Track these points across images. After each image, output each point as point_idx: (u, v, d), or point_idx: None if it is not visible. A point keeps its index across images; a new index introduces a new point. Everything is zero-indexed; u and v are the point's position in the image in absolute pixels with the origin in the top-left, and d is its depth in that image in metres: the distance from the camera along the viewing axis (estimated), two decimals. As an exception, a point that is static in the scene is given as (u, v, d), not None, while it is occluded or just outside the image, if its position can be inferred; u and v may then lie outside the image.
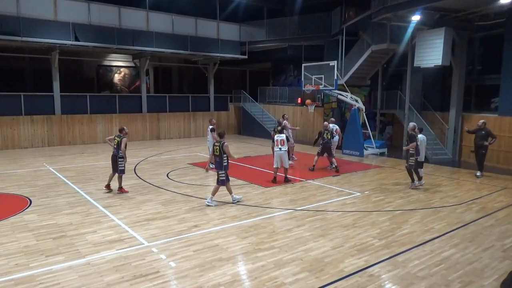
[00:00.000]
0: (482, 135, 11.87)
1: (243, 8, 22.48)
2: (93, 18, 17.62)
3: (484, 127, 11.92)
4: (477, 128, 12.12)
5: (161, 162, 13.95)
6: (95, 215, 7.86)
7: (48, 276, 5.18)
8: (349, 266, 5.58)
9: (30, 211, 8.02)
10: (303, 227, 7.23)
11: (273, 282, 5.10)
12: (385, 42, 16.02)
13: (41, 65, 18.93)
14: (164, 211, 8.12)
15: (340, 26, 18.82)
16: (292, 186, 10.58)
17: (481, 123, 11.98)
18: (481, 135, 11.89)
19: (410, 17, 13.67)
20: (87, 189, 9.95)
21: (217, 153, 8.71)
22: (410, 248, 6.30)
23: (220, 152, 8.65)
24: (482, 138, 11.87)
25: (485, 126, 11.95)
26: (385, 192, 9.97)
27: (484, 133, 11.85)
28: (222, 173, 8.69)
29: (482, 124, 11.97)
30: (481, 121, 12.05)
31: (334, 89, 15.62)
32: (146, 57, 20.32)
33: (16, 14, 15.67)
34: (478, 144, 12.02)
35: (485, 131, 11.86)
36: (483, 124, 11.95)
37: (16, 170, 12.08)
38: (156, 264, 5.58)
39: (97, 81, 23.67)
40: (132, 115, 20.47)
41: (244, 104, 24.65)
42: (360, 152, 15.67)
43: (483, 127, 11.92)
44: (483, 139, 11.86)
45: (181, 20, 20.42)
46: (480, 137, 11.92)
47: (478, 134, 11.99)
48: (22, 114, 17.31)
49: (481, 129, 11.93)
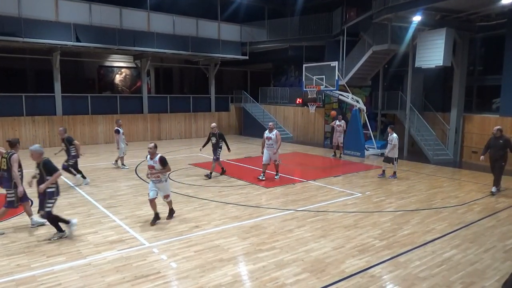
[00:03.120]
0: (500, 145, 9.71)
1: (244, 9, 22.49)
2: (94, 18, 17.64)
3: (501, 135, 9.77)
4: (493, 137, 9.92)
5: (162, 162, 13.90)
6: (96, 215, 7.87)
7: (50, 276, 5.18)
8: (350, 267, 5.58)
9: (32, 212, 8.01)
10: (304, 227, 7.22)
11: (274, 282, 5.10)
12: (386, 43, 16.02)
13: (43, 65, 18.94)
14: (165, 212, 8.10)
15: (341, 27, 18.83)
16: (293, 186, 10.58)
17: (496, 131, 9.82)
18: (498, 145, 9.73)
19: (411, 17, 13.66)
20: (88, 189, 9.95)
21: (4, 167, 6.69)
22: (411, 248, 6.29)
23: (8, 166, 6.64)
24: (500, 149, 9.73)
25: (502, 134, 9.80)
26: (387, 193, 9.96)
27: (502, 143, 9.66)
28: (11, 193, 6.74)
29: (497, 131, 9.79)
30: (496, 128, 9.86)
31: (335, 90, 15.61)
32: (147, 58, 20.34)
33: (17, 15, 15.70)
34: (495, 156, 9.84)
35: (503, 139, 9.71)
36: (499, 132, 9.78)
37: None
38: (157, 265, 5.58)
39: (98, 81, 23.69)
40: (133, 116, 20.49)
41: (245, 104, 24.67)
42: (361, 152, 15.66)
43: (500, 135, 9.77)
44: (501, 149, 9.72)
45: (182, 21, 20.44)
46: (497, 147, 9.76)
47: (495, 144, 9.81)
48: (23, 115, 17.34)
49: (497, 138, 9.79)
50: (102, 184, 10.52)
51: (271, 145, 11.02)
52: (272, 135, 10.96)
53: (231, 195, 9.49)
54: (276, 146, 10.96)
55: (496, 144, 9.76)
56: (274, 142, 10.92)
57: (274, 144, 10.95)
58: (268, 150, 11.09)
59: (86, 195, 9.39)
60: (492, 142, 9.92)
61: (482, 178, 11.96)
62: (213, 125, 11.70)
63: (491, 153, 9.92)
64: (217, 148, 11.42)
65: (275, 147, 10.98)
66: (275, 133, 10.95)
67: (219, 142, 11.44)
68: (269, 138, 11.04)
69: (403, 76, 17.63)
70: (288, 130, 22.96)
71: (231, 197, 9.34)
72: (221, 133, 11.64)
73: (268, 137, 11.05)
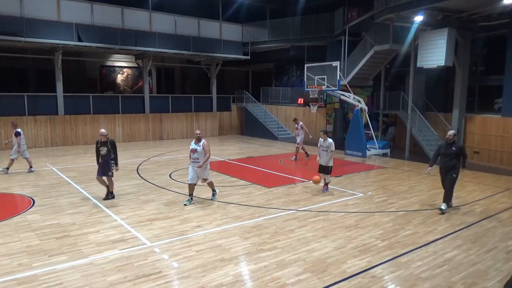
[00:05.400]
0: (452, 153, 8.22)
1: (246, 9, 22.50)
2: (96, 18, 17.68)
3: (454, 141, 8.29)
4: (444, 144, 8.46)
5: (164, 162, 13.96)
6: (97, 215, 7.88)
7: (51, 275, 5.19)
8: (352, 267, 5.57)
9: (33, 211, 8.05)
10: (305, 227, 7.22)
11: (275, 282, 5.10)
12: (388, 43, 16.00)
13: (44, 65, 19.00)
14: (167, 211, 8.13)
15: (343, 27, 18.81)
16: (294, 186, 10.58)
17: (451, 135, 8.28)
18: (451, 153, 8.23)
19: (413, 17, 13.64)
20: (89, 189, 9.97)
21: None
22: (413, 249, 6.29)
23: None
24: (452, 158, 8.26)
25: (455, 140, 8.36)
26: (388, 193, 9.95)
27: (455, 150, 8.21)
28: None
29: (452, 136, 8.27)
30: (452, 133, 8.34)
31: (336, 90, 15.61)
32: (149, 58, 20.38)
33: (19, 14, 15.74)
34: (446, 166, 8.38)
35: (456, 146, 8.26)
36: (454, 137, 8.30)
37: (19, 170, 12.12)
38: (158, 264, 5.58)
39: (100, 81, 23.73)
40: (134, 116, 20.52)
41: (247, 104, 24.69)
42: (363, 152, 15.64)
43: (453, 141, 8.28)
44: (453, 158, 8.26)
45: (184, 21, 20.47)
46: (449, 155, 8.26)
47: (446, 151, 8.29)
48: (25, 114, 17.38)
49: (450, 144, 8.26)
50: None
51: (196, 160, 8.47)
52: (198, 147, 8.46)
53: (232, 195, 9.50)
54: (202, 160, 8.44)
55: (448, 151, 8.24)
56: (201, 155, 8.47)
57: (201, 158, 8.47)
58: (193, 166, 8.56)
59: (88, 195, 9.40)
60: (443, 149, 8.38)
61: (484, 178, 11.93)
62: (102, 131, 8.98)
63: (442, 163, 8.43)
64: (109, 161, 8.85)
65: (200, 161, 8.45)
66: (202, 144, 8.48)
67: (110, 153, 8.87)
68: (194, 151, 8.51)
69: (405, 76, 17.61)
70: (290, 130, 22.97)
71: (232, 197, 9.35)
72: (114, 140, 9.14)
73: (193, 149, 8.51)
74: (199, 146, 8.47)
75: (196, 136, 8.56)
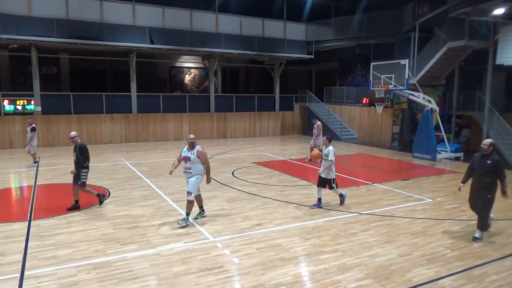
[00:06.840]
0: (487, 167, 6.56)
1: (310, 7, 22.28)
2: (166, 22, 18.63)
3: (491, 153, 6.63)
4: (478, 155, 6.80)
5: (227, 160, 14.36)
6: (165, 208, 8.32)
7: (123, 263, 5.60)
8: (417, 276, 5.31)
9: (109, 202, 8.71)
10: (368, 231, 7.01)
11: (335, 286, 5.02)
12: (463, 39, 14.90)
13: (120, 67, 20.42)
14: (229, 208, 8.35)
15: (413, 23, 17.88)
16: (357, 188, 10.30)
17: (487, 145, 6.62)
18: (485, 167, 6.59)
19: (493, 10, 12.61)
20: (158, 183, 10.56)
21: None
22: (487, 261, 5.83)
23: None
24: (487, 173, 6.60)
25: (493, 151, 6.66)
26: (460, 200, 9.29)
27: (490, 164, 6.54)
28: None
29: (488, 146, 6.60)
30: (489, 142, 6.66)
31: (405, 89, 14.93)
32: (215, 58, 21.03)
33: (99, 20, 17.10)
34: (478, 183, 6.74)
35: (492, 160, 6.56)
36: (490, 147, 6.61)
37: (97, 163, 13.18)
38: (220, 259, 5.76)
39: (170, 81, 24.99)
40: (200, 114, 21.31)
41: (310, 104, 24.48)
42: (433, 155, 14.78)
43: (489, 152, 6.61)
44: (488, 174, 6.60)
45: (249, 21, 20.82)
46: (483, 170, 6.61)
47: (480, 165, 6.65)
48: (103, 113, 18.85)
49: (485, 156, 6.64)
50: (171, 178, 11.05)
51: (188, 170, 7.12)
52: (192, 155, 7.07)
53: (293, 195, 9.50)
54: (195, 171, 7.09)
55: (482, 165, 6.55)
56: (194, 164, 7.08)
57: (194, 168, 7.09)
58: (186, 177, 7.25)
59: (157, 189, 9.96)
60: (476, 162, 6.66)
61: None
62: (71, 134, 8.03)
63: (474, 179, 6.72)
64: (79, 170, 7.87)
65: (193, 172, 7.09)
66: (196, 151, 7.08)
67: (80, 159, 7.83)
68: (186, 159, 7.12)
69: (481, 74, 16.29)
70: (354, 130, 22.39)
71: (293, 196, 9.35)
72: (83, 144, 8.00)
73: (186, 157, 7.13)
74: (192, 154, 7.06)
75: (189, 142, 7.16)
